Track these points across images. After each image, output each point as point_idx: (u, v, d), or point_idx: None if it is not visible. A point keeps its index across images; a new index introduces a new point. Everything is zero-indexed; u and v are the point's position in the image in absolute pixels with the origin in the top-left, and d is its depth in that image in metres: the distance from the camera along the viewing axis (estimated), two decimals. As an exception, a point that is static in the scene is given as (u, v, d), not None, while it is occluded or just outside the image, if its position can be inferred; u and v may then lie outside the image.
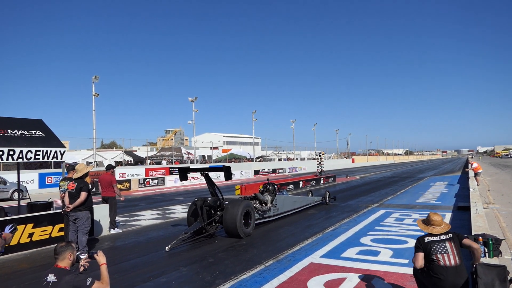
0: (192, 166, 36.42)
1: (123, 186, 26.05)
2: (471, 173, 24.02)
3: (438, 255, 4.26)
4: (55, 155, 9.10)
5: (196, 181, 32.69)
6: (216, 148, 66.25)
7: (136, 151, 52.87)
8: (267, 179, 13.57)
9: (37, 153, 8.76)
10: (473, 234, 6.65)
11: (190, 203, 10.34)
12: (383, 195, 19.25)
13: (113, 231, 10.47)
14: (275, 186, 12.42)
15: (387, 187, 24.51)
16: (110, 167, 11.26)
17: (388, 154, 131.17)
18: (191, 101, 41.06)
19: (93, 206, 8.51)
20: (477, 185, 20.09)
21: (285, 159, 65.64)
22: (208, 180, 10.02)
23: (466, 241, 4.41)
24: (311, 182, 25.14)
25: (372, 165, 78.66)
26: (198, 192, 23.80)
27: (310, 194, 16.35)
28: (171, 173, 33.41)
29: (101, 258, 3.81)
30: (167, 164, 42.31)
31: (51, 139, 9.38)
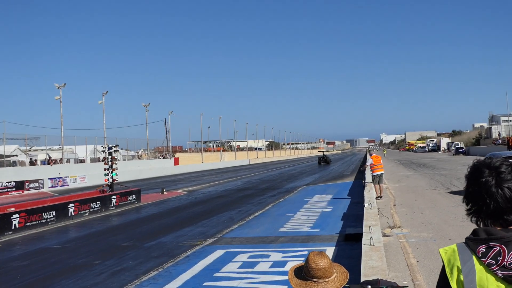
0: None
1: None
2: (368, 175, 16.16)
3: None
4: None
5: None
6: None
7: None
8: None
9: None
10: (361, 281, 4.20)
11: None
12: (225, 222, 12.28)
13: None
14: None
15: (233, 207, 15.85)
16: None
17: (240, 149, 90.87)
18: None
19: None
20: (378, 197, 13.26)
21: (43, 162, 39.84)
22: None
23: None
24: (92, 205, 14.51)
25: (209, 169, 54.91)
26: None
27: None
28: None
29: None
30: None
31: None
